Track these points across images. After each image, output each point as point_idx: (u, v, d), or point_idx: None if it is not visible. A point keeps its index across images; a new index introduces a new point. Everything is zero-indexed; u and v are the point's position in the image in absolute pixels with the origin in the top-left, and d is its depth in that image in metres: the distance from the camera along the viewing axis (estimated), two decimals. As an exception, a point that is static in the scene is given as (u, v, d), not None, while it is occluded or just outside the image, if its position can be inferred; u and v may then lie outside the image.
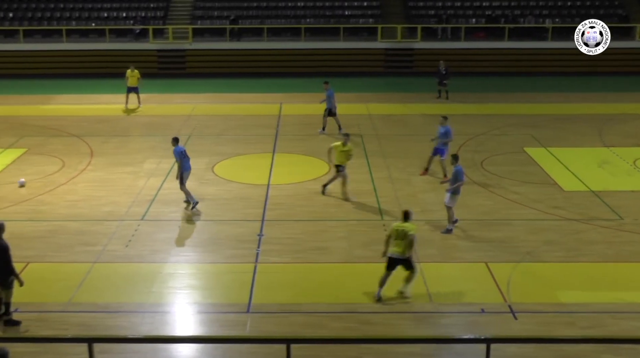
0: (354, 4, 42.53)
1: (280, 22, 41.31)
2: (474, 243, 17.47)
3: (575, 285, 15.73)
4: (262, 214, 19.08)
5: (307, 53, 39.55)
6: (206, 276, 15.99)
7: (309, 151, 24.74)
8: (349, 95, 34.02)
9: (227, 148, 25.18)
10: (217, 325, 13.96)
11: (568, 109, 31.44)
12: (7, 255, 13.28)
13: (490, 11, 42.08)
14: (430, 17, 42.03)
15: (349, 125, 28.16)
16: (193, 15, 41.70)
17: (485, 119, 29.24)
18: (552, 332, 13.45)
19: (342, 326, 13.80)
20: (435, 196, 20.50)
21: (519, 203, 20.03)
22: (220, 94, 34.70)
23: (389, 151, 24.80)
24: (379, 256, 16.01)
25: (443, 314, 14.34)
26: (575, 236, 17.88)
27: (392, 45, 39.93)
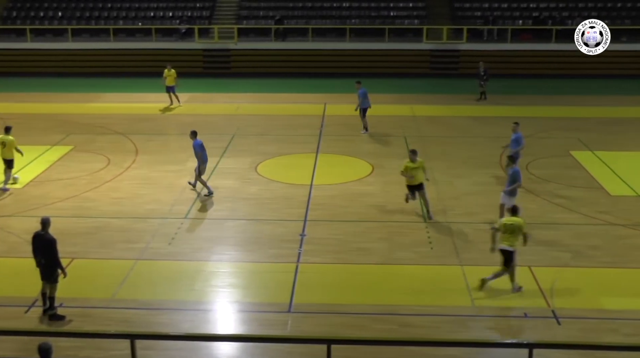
0: (400, 5, 42.38)
1: (325, 22, 41.34)
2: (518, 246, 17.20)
3: (620, 291, 15.45)
4: (304, 215, 19.10)
5: (352, 54, 39.52)
6: (248, 275, 16.05)
7: (353, 152, 24.70)
8: (393, 96, 34.01)
9: (271, 147, 25.27)
10: (257, 324, 13.99)
11: (616, 112, 30.93)
12: (54, 249, 13.51)
13: (537, 13, 41.58)
14: (477, 18, 41.68)
15: (394, 126, 28.12)
16: (238, 15, 41.96)
17: (531, 122, 28.83)
18: (595, 339, 13.22)
19: (383, 328, 13.73)
20: (478, 199, 20.34)
21: (564, 207, 19.75)
22: (264, 94, 34.85)
23: (433, 153, 24.63)
24: (421, 259, 15.98)
25: (485, 318, 14.20)
26: (621, 242, 17.56)
27: (438, 46, 39.72)
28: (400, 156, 24.17)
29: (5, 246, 17.09)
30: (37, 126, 28.07)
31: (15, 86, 36.85)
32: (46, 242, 13.50)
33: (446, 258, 16.66)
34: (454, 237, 17.72)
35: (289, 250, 17.01)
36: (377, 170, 22.76)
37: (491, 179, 22.10)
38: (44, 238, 13.54)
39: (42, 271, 13.64)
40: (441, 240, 17.58)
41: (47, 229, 13.61)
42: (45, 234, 13.57)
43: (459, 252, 16.90)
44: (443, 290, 15.33)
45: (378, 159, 23.81)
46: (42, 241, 13.55)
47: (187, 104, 32.23)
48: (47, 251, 13.50)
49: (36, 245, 13.65)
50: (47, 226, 13.63)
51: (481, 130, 27.42)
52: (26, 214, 18.94)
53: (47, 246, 13.48)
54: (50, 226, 13.71)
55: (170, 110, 30.97)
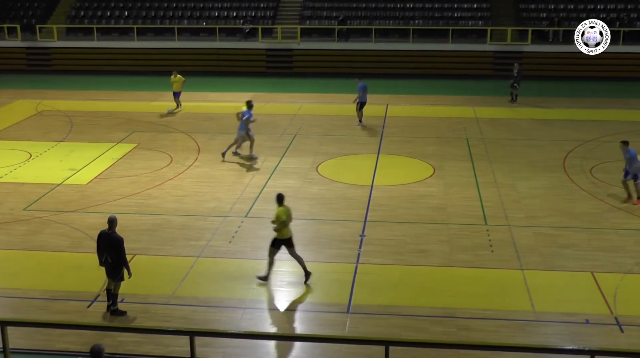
0: (464, 5, 42.02)
1: (388, 23, 41.25)
2: (579, 251, 16.98)
3: (688, 300, 15.09)
4: (364, 215, 19.11)
5: (415, 54, 39.36)
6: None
7: (414, 153, 24.61)
8: (456, 97, 33.79)
9: (332, 147, 25.34)
10: (316, 323, 14.06)
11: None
12: (121, 248, 13.67)
13: (604, 14, 40.75)
14: (542, 19, 41.06)
15: (456, 128, 27.93)
16: (302, 16, 42.16)
17: (597, 125, 28.35)
18: (660, 348, 12.94)
19: (442, 330, 13.67)
20: (540, 202, 20.07)
21: (628, 212, 19.35)
22: (326, 94, 34.95)
23: (495, 155, 24.40)
24: (481, 262, 15.83)
25: (545, 323, 14.00)
26: (688, 249, 17.14)
27: (502, 47, 39.27)
28: (462, 157, 24.06)
29: (69, 241, 17.52)
30: (101, 124, 28.71)
31: (81, 84, 37.74)
32: (113, 241, 13.64)
33: (507, 261, 16.48)
34: (514, 241, 17.51)
35: (348, 250, 17.05)
36: (438, 172, 22.63)
37: (553, 182, 21.77)
38: (111, 236, 13.68)
39: (108, 269, 13.83)
40: (502, 244, 17.40)
41: (114, 228, 13.77)
42: (112, 233, 13.71)
43: (520, 256, 16.70)
44: (503, 294, 15.18)
45: (439, 161, 23.67)
46: (109, 240, 13.69)
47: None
48: (114, 250, 13.64)
49: (102, 244, 13.84)
50: (114, 225, 13.78)
51: (544, 133, 27.02)
52: (90, 211, 19.40)
53: (115, 245, 13.63)
54: (117, 225, 13.89)
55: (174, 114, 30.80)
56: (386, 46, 39.85)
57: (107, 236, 13.74)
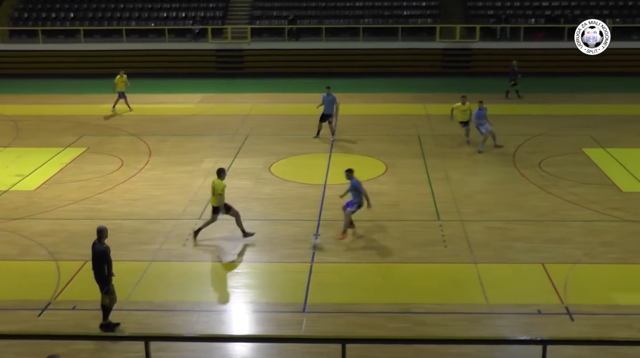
0: (413, 4, 42.36)
1: (338, 22, 41.40)
2: (530, 244, 17.26)
3: (633, 286, 15.48)
4: (317, 214, 19.14)
5: (365, 53, 39.54)
6: (262, 275, 16.10)
7: (366, 151, 24.73)
8: (406, 95, 34.05)
9: (284, 147, 25.33)
10: (272, 324, 14.05)
11: (628, 110, 30.83)
12: (99, 259, 13.31)
13: (549, 11, 41.46)
14: (490, 17, 41.61)
15: (406, 126, 28.14)
16: (252, 15, 42.07)
17: (544, 120, 28.84)
18: (609, 334, 13.23)
19: (397, 326, 13.77)
20: (491, 197, 20.34)
21: (576, 204, 19.72)
22: (277, 94, 34.91)
23: (446, 151, 24.64)
24: (435, 257, 16.02)
25: (498, 315, 14.21)
26: (633, 238, 17.54)
27: (450, 45, 39.68)
28: (414, 154, 24.24)
29: (18, 249, 17.15)
30: (49, 128, 28.26)
31: (27, 88, 37.14)
32: (93, 252, 13.39)
33: (460, 256, 16.67)
34: (467, 235, 17.72)
35: (302, 249, 17.07)
36: (391, 169, 22.78)
37: (504, 177, 22.09)
38: (93, 247, 13.44)
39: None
40: (455, 239, 17.60)
41: (101, 238, 13.39)
42: (95, 244, 13.43)
43: (472, 250, 16.91)
44: (457, 288, 15.37)
45: (391, 159, 23.83)
46: (92, 251, 13.44)
47: (201, 105, 32.36)
48: (93, 261, 13.39)
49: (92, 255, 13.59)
50: (100, 236, 13.41)
51: (494, 128, 27.32)
52: (39, 217, 19.08)
53: (94, 256, 13.37)
54: (106, 237, 13.50)
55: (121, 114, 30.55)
56: (336, 45, 39.98)
57: (92, 246, 13.48)
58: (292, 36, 40.76)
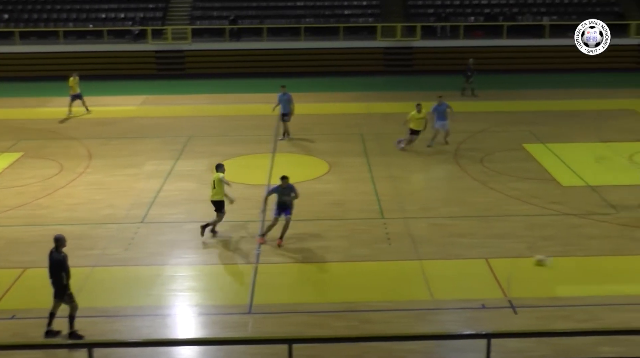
0: (354, 3, 42.53)
1: (279, 21, 41.32)
2: (473, 239, 17.47)
3: (573, 279, 15.82)
4: (261, 215, 19.04)
5: (307, 53, 39.56)
6: (206, 277, 15.98)
7: (309, 151, 24.74)
8: (349, 94, 34.15)
9: (228, 148, 25.17)
10: (218, 326, 13.95)
11: (566, 106, 31.44)
12: (56, 268, 13.11)
13: (488, 9, 42.06)
14: (430, 15, 42.02)
15: (348, 125, 28.23)
16: (192, 16, 41.72)
17: (485, 116, 29.24)
18: (550, 326, 13.47)
19: (344, 325, 13.80)
20: (434, 193, 20.54)
21: (517, 199, 20.03)
22: (220, 94, 34.68)
23: (389, 149, 24.78)
24: (379, 255, 16.11)
25: (443, 310, 14.35)
26: (573, 231, 17.91)
27: (391, 44, 39.94)
28: (357, 153, 24.33)
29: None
30: (-14, 133, 27.60)
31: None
32: (50, 260, 13.16)
33: (404, 253, 16.79)
34: (411, 232, 17.85)
35: (247, 251, 16.99)
36: (335, 168, 22.83)
37: (446, 174, 22.34)
38: (51, 256, 13.19)
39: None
40: (399, 236, 17.71)
41: (59, 247, 13.16)
42: (53, 253, 13.19)
43: (416, 247, 17.04)
44: (402, 285, 15.48)
45: (335, 158, 23.88)
46: (50, 260, 13.19)
47: (142, 107, 31.96)
48: (51, 270, 13.14)
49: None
50: (58, 244, 13.18)
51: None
52: (-24, 224, 18.60)
53: (52, 265, 13.13)
54: (65, 245, 13.29)
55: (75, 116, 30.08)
56: (278, 45, 39.91)
57: (49, 255, 13.21)
58: (233, 36, 40.55)
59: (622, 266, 16.21)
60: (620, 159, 23.56)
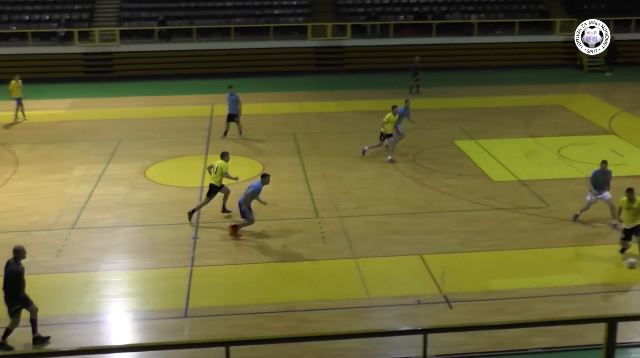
0: (283, 3, 42.45)
1: (209, 22, 40.94)
2: (408, 236, 17.63)
3: (506, 272, 16.13)
4: (196, 217, 18.86)
5: (238, 53, 39.31)
6: (141, 282, 15.75)
7: (242, 152, 24.57)
8: (281, 94, 34.06)
9: (159, 151, 24.82)
10: (154, 331, 13.76)
11: (495, 102, 32.01)
12: (10, 280, 12.83)
13: (417, 8, 42.51)
14: (359, 14, 42.24)
15: (281, 125, 28.16)
16: (119, 17, 41.02)
17: (416, 114, 29.39)
18: (485, 319, 13.68)
19: (282, 325, 13.78)
20: (368, 192, 20.64)
21: (450, 195, 20.29)
22: (150, 96, 34.15)
23: (323, 148, 24.81)
24: (315, 254, 16.12)
25: (380, 308, 14.45)
26: (505, 225, 18.25)
27: (322, 43, 39.99)
28: (291, 153, 24.30)
29: None
30: None
31: None
32: (7, 272, 12.85)
33: (340, 252, 16.84)
34: (346, 231, 17.91)
35: (182, 254, 16.80)
36: (268, 169, 22.68)
37: (380, 172, 22.46)
38: (7, 267, 12.87)
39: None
40: (334, 235, 17.76)
41: (18, 258, 12.88)
42: (10, 264, 12.87)
43: (352, 245, 17.10)
44: (338, 284, 15.52)
45: (268, 158, 23.80)
46: (5, 271, 12.85)
47: (70, 111, 31.28)
48: (6, 281, 12.83)
49: None
50: (18, 255, 12.92)
51: (369, 124, 27.71)
52: None
53: (8, 277, 12.83)
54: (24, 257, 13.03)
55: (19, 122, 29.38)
56: (208, 45, 39.54)
57: (5, 266, 12.91)
58: (163, 37, 40.03)
59: (552, 258, 16.59)
60: (549, 154, 24.09)
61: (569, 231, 17.89)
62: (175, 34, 40.35)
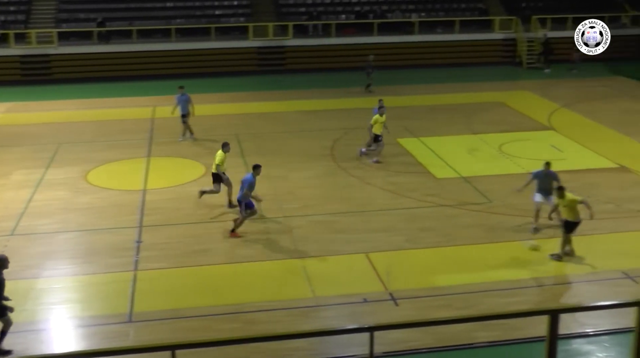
0: (224, 3, 42.21)
1: (149, 23, 40.47)
2: (353, 235, 17.68)
3: (451, 268, 16.27)
4: (139, 221, 18.63)
5: (179, 54, 38.94)
6: (84, 288, 15.48)
7: (184, 154, 24.37)
8: (223, 95, 33.85)
9: (100, 154, 24.42)
10: (98, 337, 13.52)
11: (437, 100, 32.33)
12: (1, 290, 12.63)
13: (359, 7, 42.72)
14: (301, 14, 42.26)
15: (223, 126, 27.97)
16: (57, 18, 40.27)
17: (359, 113, 29.55)
18: (431, 315, 13.79)
19: (228, 327, 13.68)
20: (313, 192, 20.65)
21: (395, 193, 20.42)
22: (90, 99, 33.58)
23: (266, 148, 24.75)
24: (260, 255, 16.05)
25: (326, 307, 14.46)
26: (449, 222, 18.43)
27: (264, 43, 39.89)
28: (234, 154, 24.10)
29: None
30: None
31: None
32: None
33: (286, 252, 16.81)
34: (292, 231, 17.89)
35: (125, 258, 16.56)
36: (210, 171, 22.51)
37: (324, 171, 22.49)
38: None
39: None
40: (280, 235, 17.72)
41: (1, 268, 12.64)
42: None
43: (297, 245, 17.08)
44: (285, 284, 15.50)
45: (210, 160, 23.44)
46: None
47: (7, 115, 30.59)
48: None
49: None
50: (1, 265, 12.68)
51: (311, 124, 27.82)
52: None
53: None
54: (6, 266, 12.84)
55: None
56: (148, 47, 39.06)
57: None
58: (102, 39, 39.43)
59: (496, 253, 16.81)
60: (491, 150, 24.43)
61: (512, 226, 18.15)
62: (115, 35, 39.78)
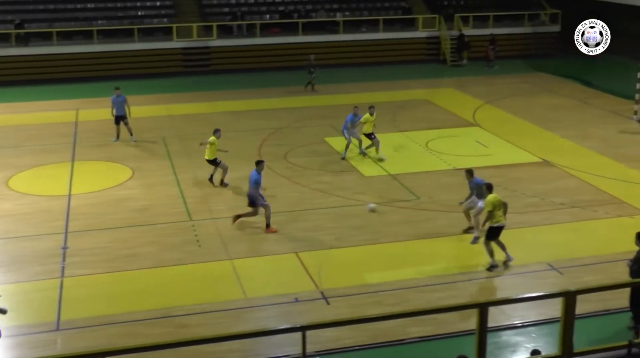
0: (147, 4, 41.64)
1: (70, 24, 39.64)
2: (283, 235, 17.72)
3: (381, 265, 16.47)
4: (64, 227, 18.28)
5: (101, 56, 38.24)
6: (9, 297, 15.00)
7: (110, 157, 23.99)
8: (148, 97, 33.33)
9: (22, 160, 23.82)
10: (25, 347, 13.28)
11: (363, 98, 32.39)
12: None
13: (283, 7, 42.74)
14: (225, 14, 42.05)
15: (149, 128, 27.60)
16: (-28, 22, 39.13)
17: (285, 113, 29.68)
18: (362, 313, 13.91)
19: (159, 332, 13.56)
20: (241, 192, 20.57)
21: (323, 192, 20.54)
22: (10, 103, 32.68)
23: (193, 150, 24.51)
24: (190, 258, 15.94)
25: (258, 308, 14.48)
26: (378, 219, 18.63)
27: (188, 44, 39.54)
28: (160, 157, 23.90)
29: None
30: None
31: None
32: None
33: (215, 254, 16.75)
34: (220, 233, 17.82)
35: (52, 265, 16.24)
36: (138, 173, 22.30)
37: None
38: None
39: None
40: (209, 237, 17.64)
41: None
42: None
43: (227, 247, 17.03)
44: (215, 286, 15.45)
45: (137, 162, 23.32)
46: None
47: None
48: None
49: None
50: None
51: (238, 124, 27.68)
52: None
53: None
54: None
55: None
56: (70, 49, 38.19)
57: None
58: (20, 41, 38.44)
59: (426, 249, 17.09)
60: (417, 147, 24.77)
61: (440, 222, 18.47)
62: (34, 38, 38.81)
